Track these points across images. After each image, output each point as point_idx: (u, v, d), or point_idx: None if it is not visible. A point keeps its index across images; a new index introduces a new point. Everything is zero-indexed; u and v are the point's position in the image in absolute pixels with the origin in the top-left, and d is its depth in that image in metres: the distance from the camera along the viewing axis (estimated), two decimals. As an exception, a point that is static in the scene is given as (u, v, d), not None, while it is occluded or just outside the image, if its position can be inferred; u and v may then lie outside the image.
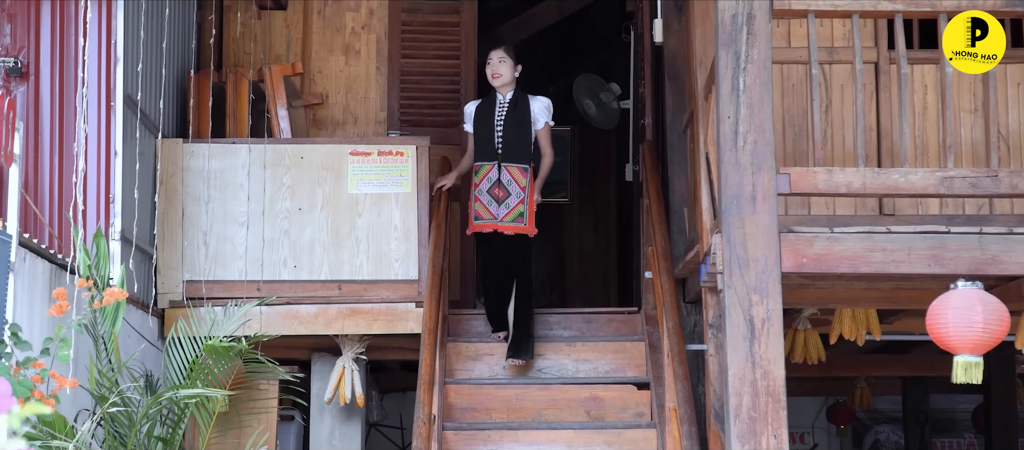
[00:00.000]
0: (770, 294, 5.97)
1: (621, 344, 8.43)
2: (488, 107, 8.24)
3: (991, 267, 6.08)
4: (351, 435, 8.46)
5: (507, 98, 8.22)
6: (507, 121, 8.15)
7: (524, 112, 8.20)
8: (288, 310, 7.99)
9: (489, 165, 8.11)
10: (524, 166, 8.16)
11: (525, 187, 8.13)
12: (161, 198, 7.90)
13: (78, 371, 6.04)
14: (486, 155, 8.14)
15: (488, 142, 8.15)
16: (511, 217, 8.09)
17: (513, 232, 8.11)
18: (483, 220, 8.10)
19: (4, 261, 4.82)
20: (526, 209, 8.12)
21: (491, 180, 8.10)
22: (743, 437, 5.92)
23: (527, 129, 8.20)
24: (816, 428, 15.64)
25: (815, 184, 6.15)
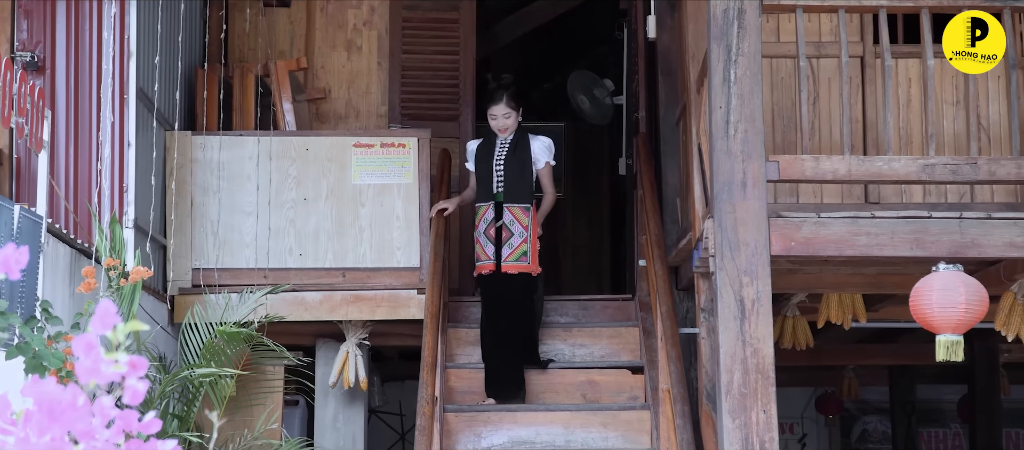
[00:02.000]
0: (759, 276, 6.25)
1: (616, 329, 8.71)
2: (488, 147, 8.27)
3: (970, 250, 6.37)
4: (354, 419, 8.72)
5: (508, 139, 8.25)
6: (507, 162, 8.18)
7: (524, 153, 8.22)
8: (294, 297, 8.25)
9: (487, 206, 8.15)
10: (526, 206, 8.16)
11: (528, 226, 8.13)
12: (172, 189, 8.16)
13: (97, 352, 6.29)
14: (485, 196, 8.18)
15: (487, 182, 8.19)
16: (514, 257, 8.08)
17: (517, 271, 8.09)
18: (482, 262, 8.13)
19: (35, 241, 5.09)
20: (529, 248, 8.12)
21: (487, 220, 8.12)
22: (734, 412, 6.20)
23: (528, 169, 8.22)
24: (805, 418, 15.92)
25: (803, 171, 6.44)
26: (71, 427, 1.76)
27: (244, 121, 8.73)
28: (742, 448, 6.19)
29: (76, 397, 1.77)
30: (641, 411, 8.05)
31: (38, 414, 1.74)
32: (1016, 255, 6.43)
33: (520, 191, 8.14)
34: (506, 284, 8.04)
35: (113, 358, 1.75)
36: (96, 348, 1.77)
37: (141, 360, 1.83)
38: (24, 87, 5.36)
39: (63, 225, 6.55)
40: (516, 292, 8.05)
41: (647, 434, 7.94)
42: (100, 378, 1.79)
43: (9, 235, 4.82)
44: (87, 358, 1.77)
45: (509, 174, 8.14)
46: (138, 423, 2.32)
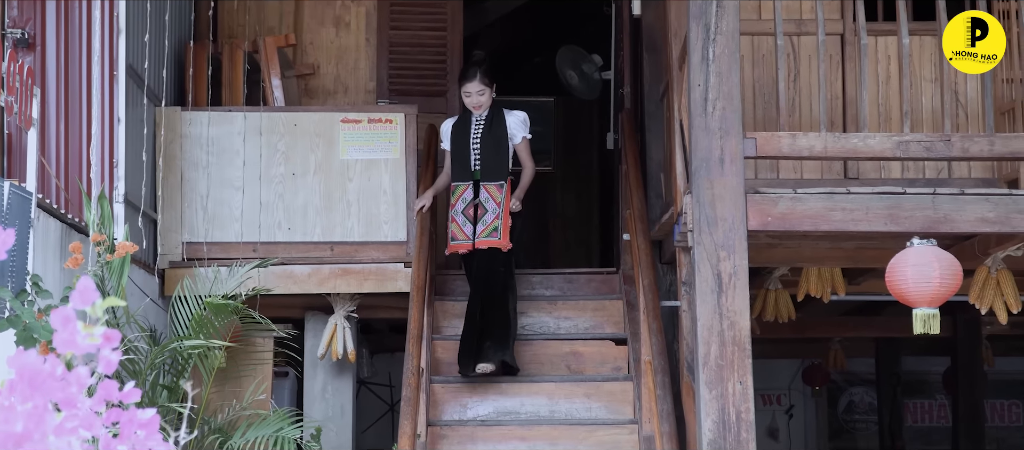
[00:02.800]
0: (736, 250, 6.39)
1: (600, 302, 8.85)
2: (464, 125, 8.29)
3: (943, 225, 6.50)
4: (343, 389, 8.87)
5: (482, 116, 8.26)
6: (483, 139, 8.21)
7: (500, 129, 8.26)
8: (283, 270, 8.37)
9: (464, 185, 8.18)
10: (500, 183, 8.20)
11: (500, 203, 8.15)
12: (161, 164, 8.28)
13: (87, 324, 6.43)
14: (462, 175, 8.20)
15: (464, 161, 8.20)
16: (486, 233, 8.11)
17: (487, 246, 8.10)
18: (459, 241, 8.17)
19: (25, 217, 5.21)
20: (500, 224, 8.12)
21: (466, 200, 8.15)
22: (711, 383, 6.35)
23: (504, 146, 8.26)
24: (792, 390, 16.09)
25: (780, 148, 6.57)
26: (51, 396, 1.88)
27: (233, 97, 8.85)
28: (719, 418, 6.34)
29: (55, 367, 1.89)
30: (624, 382, 8.20)
31: (20, 383, 1.87)
32: (987, 230, 6.56)
33: (496, 168, 8.19)
34: (479, 259, 8.09)
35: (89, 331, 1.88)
36: (73, 321, 1.90)
37: (114, 333, 1.96)
38: (13, 66, 5.48)
39: (54, 201, 6.67)
40: (486, 265, 8.09)
41: (630, 405, 8.08)
42: (77, 349, 1.92)
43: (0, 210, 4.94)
44: (64, 330, 1.90)
45: (485, 151, 8.17)
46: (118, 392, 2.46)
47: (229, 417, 7.24)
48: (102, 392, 2.42)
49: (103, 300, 1.85)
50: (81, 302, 1.92)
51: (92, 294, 1.89)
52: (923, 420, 16.31)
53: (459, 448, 7.76)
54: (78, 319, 1.92)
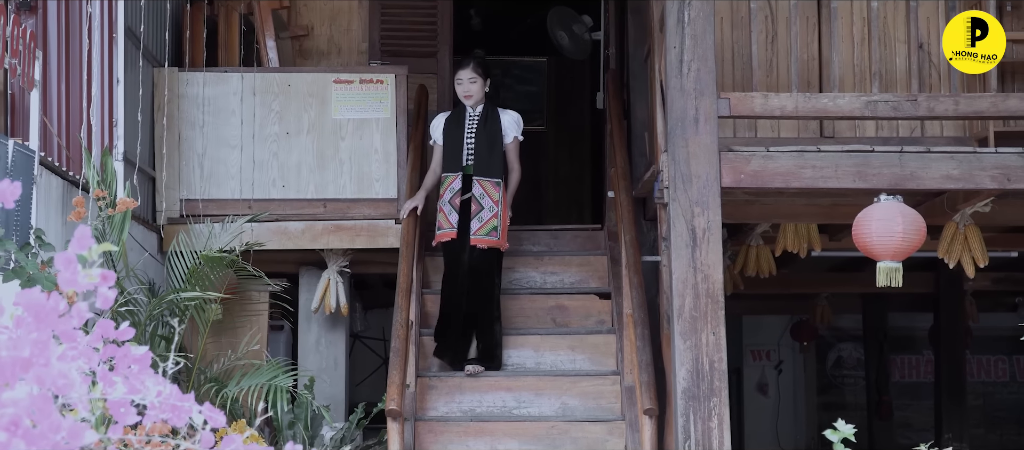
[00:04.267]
0: (710, 207, 6.67)
1: (585, 258, 9.13)
2: (457, 120, 8.33)
3: (910, 182, 6.78)
4: (336, 342, 9.16)
5: (477, 112, 8.29)
6: (478, 135, 8.24)
7: (495, 126, 8.28)
8: (278, 226, 8.64)
9: (454, 176, 8.20)
10: (497, 180, 8.21)
11: (498, 201, 8.16)
12: (160, 123, 8.54)
13: (88, 277, 6.72)
14: (453, 166, 8.22)
15: (457, 154, 8.23)
16: (484, 231, 8.12)
17: (486, 246, 8.12)
18: (444, 229, 8.18)
19: (28, 174, 5.48)
20: (500, 223, 8.15)
21: (454, 190, 8.16)
22: (685, 334, 6.64)
23: (498, 143, 8.27)
24: (782, 346, 16.38)
25: (752, 108, 6.84)
26: (55, 328, 2.15)
27: (229, 58, 9.10)
28: (693, 368, 6.63)
29: (57, 304, 2.16)
30: (607, 335, 8.49)
31: (27, 317, 2.14)
32: (952, 186, 6.84)
33: (490, 164, 8.20)
34: (473, 256, 8.11)
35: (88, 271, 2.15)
36: (73, 263, 2.17)
37: (110, 273, 2.23)
38: (17, 30, 5.73)
39: (56, 159, 6.93)
40: (483, 265, 8.12)
41: (613, 357, 8.37)
42: (77, 287, 2.19)
43: (4, 168, 5.21)
44: (66, 271, 2.17)
45: (479, 146, 8.20)
46: (114, 331, 2.74)
47: (225, 367, 7.53)
48: (99, 330, 2.70)
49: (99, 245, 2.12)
50: (79, 247, 2.19)
51: (89, 240, 2.16)
52: (910, 375, 16.61)
53: (447, 398, 8.05)
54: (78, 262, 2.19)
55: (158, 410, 2.58)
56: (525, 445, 7.91)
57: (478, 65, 8.37)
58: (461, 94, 8.31)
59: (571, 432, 7.93)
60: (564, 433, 7.92)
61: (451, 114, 8.46)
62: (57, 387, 2.02)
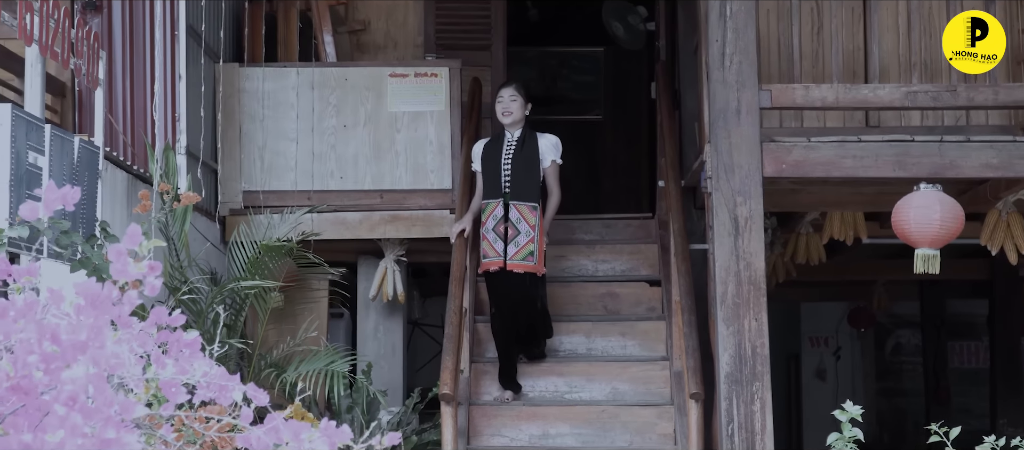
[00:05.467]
0: (752, 196, 6.84)
1: (636, 246, 9.32)
2: (495, 146, 8.30)
3: (949, 171, 6.91)
4: (393, 329, 9.41)
5: (515, 136, 8.23)
6: (515, 160, 8.17)
7: (532, 150, 8.20)
8: (336, 217, 8.90)
9: (495, 203, 8.14)
10: (533, 204, 8.11)
11: (535, 225, 8.08)
12: (221, 117, 8.82)
13: (153, 267, 7.02)
14: (493, 193, 8.18)
15: (495, 181, 8.19)
16: (520, 256, 8.06)
17: (523, 271, 8.07)
18: (490, 258, 8.13)
19: (93, 168, 5.75)
20: (536, 248, 8.07)
21: (496, 217, 8.11)
22: (728, 320, 6.82)
23: (535, 168, 8.18)
24: (840, 332, 16.45)
25: (794, 99, 7.00)
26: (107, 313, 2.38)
27: (287, 53, 9.37)
28: (735, 353, 6.81)
29: (111, 292, 2.40)
30: (657, 321, 8.68)
31: (84, 304, 2.37)
32: (991, 175, 6.96)
33: (527, 189, 8.13)
34: (511, 282, 8.09)
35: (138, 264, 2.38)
36: (124, 255, 2.40)
37: (157, 264, 2.46)
38: (81, 31, 6.00)
39: (121, 153, 7.21)
40: (521, 290, 8.10)
41: (662, 343, 8.56)
42: (128, 277, 2.42)
43: (70, 164, 5.48)
44: (118, 262, 2.40)
45: (516, 171, 8.15)
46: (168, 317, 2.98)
47: (284, 352, 7.79)
48: (154, 316, 2.94)
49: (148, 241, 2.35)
50: (130, 243, 2.42)
51: (138, 236, 2.39)
52: (969, 362, 16.62)
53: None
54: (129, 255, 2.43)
55: (206, 389, 2.81)
56: (576, 429, 8.11)
57: (520, 86, 8.35)
58: (500, 111, 8.24)
59: (621, 416, 8.13)
60: (614, 417, 8.12)
61: (490, 140, 8.44)
62: (110, 367, 2.25)
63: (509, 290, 8.11)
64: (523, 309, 8.15)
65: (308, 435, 2.51)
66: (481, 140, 8.59)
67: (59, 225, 5.10)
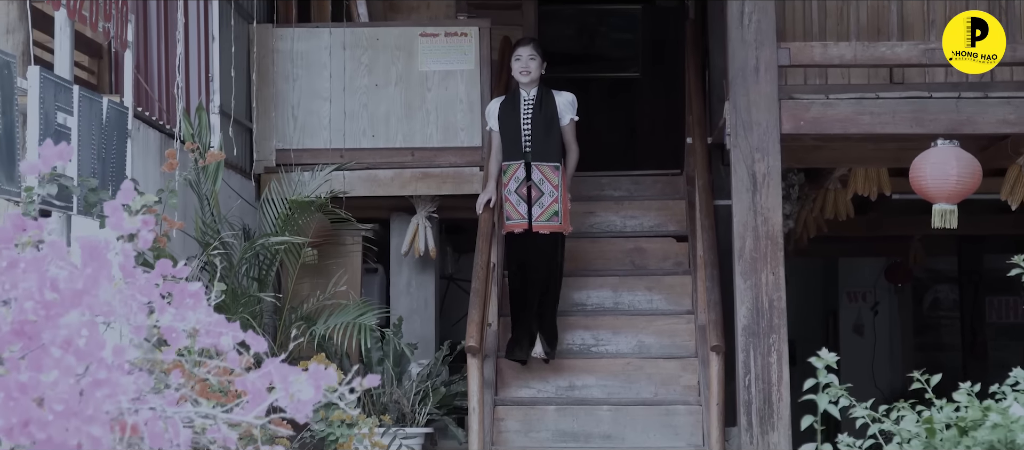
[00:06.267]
0: (770, 153, 6.95)
1: (664, 202, 9.46)
2: (512, 105, 8.29)
3: (966, 127, 7.00)
4: (425, 284, 9.60)
5: (532, 95, 8.22)
6: (534, 119, 8.18)
7: (550, 109, 8.21)
8: (368, 174, 9.07)
9: (516, 164, 8.17)
10: (555, 164, 8.15)
11: (558, 185, 8.11)
12: (255, 77, 9.00)
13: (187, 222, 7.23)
14: (513, 154, 8.20)
15: (515, 141, 8.19)
16: (545, 216, 8.10)
17: (549, 231, 8.12)
18: (513, 220, 8.17)
19: (123, 128, 5.93)
20: (561, 207, 8.11)
21: (518, 179, 8.13)
22: (746, 274, 6.94)
23: (555, 126, 8.20)
24: (878, 288, 16.48)
25: (812, 57, 7.10)
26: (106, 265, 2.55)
27: (320, 14, 9.54)
28: (753, 306, 6.94)
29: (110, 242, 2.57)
30: (683, 276, 8.83)
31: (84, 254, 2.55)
32: (1008, 131, 7.04)
33: (548, 149, 8.16)
34: (536, 243, 8.13)
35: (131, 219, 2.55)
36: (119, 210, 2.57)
37: (149, 218, 2.64)
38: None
39: (153, 113, 7.40)
40: (546, 250, 8.15)
41: (688, 296, 8.71)
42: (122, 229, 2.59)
43: (100, 123, 5.66)
44: (113, 216, 2.58)
45: (536, 132, 8.16)
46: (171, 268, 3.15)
47: (313, 306, 7.98)
48: (159, 268, 3.12)
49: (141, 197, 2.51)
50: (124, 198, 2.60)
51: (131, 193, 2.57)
52: (1007, 317, 16.61)
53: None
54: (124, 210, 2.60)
55: (205, 336, 2.98)
56: (602, 381, 8.29)
57: (537, 45, 8.36)
58: (518, 70, 8.22)
59: (646, 368, 8.30)
60: (639, 369, 8.29)
61: (505, 99, 8.41)
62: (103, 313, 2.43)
63: (533, 251, 8.15)
64: (542, 270, 8.18)
65: (296, 378, 2.67)
66: (495, 99, 8.57)
67: (87, 183, 5.29)
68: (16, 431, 2.17)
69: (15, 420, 2.15)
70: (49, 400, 2.22)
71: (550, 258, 8.20)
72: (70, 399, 2.22)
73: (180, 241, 7.17)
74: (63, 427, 2.17)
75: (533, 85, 8.26)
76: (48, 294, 2.48)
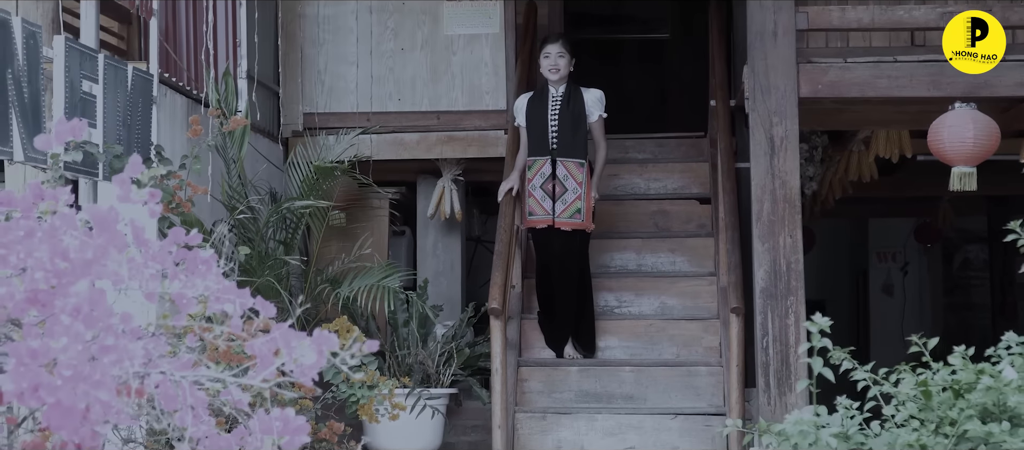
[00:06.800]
0: (788, 116, 7.02)
1: (688, 164, 9.52)
2: (540, 101, 8.31)
3: (983, 90, 7.04)
4: (452, 246, 9.72)
5: (560, 92, 8.24)
6: (561, 116, 8.20)
7: (578, 106, 8.23)
8: (394, 138, 9.19)
9: (542, 160, 8.19)
10: (580, 161, 8.15)
11: (582, 182, 8.12)
12: (282, 41, 9.11)
13: (214, 187, 7.37)
14: (539, 150, 8.21)
15: (542, 137, 8.22)
16: (568, 213, 8.13)
17: (570, 228, 8.15)
18: (537, 216, 8.20)
19: (148, 95, 6.06)
20: (583, 205, 8.13)
21: (544, 175, 8.16)
22: (763, 237, 7.03)
23: (582, 123, 8.22)
24: (908, 248, 16.50)
25: (830, 21, 7.15)
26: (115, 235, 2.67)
27: (347, -22, 9.63)
28: (770, 268, 7.02)
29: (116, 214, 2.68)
30: (706, 238, 8.91)
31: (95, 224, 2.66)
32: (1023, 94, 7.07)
33: (574, 146, 8.17)
34: (558, 239, 8.18)
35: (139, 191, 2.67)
36: (127, 183, 2.69)
37: (156, 191, 2.75)
38: (135, -36, 6.31)
39: (183, 79, 7.52)
40: (569, 247, 8.20)
41: (710, 258, 8.79)
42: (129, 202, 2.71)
43: (125, 90, 5.79)
44: (121, 189, 2.69)
45: (563, 128, 8.18)
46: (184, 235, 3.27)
47: (339, 269, 8.11)
48: (173, 236, 3.24)
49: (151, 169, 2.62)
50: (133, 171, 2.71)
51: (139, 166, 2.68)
52: (1037, 277, 16.60)
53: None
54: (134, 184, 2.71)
55: (215, 302, 3.10)
56: (624, 342, 8.39)
57: (567, 42, 8.33)
58: (547, 68, 8.23)
59: (668, 330, 8.40)
60: (661, 331, 8.39)
61: (533, 95, 8.41)
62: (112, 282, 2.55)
63: (555, 247, 8.20)
64: (567, 267, 8.24)
65: (299, 343, 2.79)
66: (523, 95, 8.55)
67: (112, 150, 5.43)
68: (27, 395, 2.29)
69: (25, 385, 2.27)
70: (59, 366, 2.34)
71: (575, 255, 8.25)
72: (79, 365, 2.34)
73: (208, 205, 7.32)
74: (72, 391, 2.29)
75: (562, 82, 8.26)
76: (60, 263, 2.60)
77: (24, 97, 4.96)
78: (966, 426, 3.41)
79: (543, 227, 8.20)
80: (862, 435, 3.66)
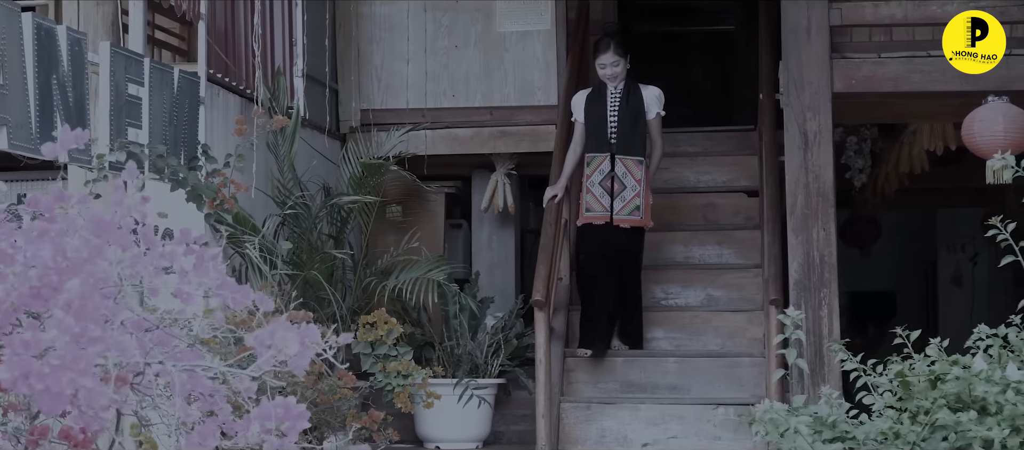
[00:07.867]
0: (821, 111, 7.15)
1: (737, 157, 9.64)
2: (599, 98, 8.39)
3: (1016, 83, 7.12)
4: (506, 238, 9.94)
5: (619, 89, 8.32)
6: (621, 113, 8.27)
7: (637, 103, 8.30)
8: (448, 133, 9.43)
9: (601, 157, 8.26)
10: (639, 159, 8.22)
11: (640, 180, 8.20)
12: (340, 40, 9.39)
13: (266, 183, 7.65)
14: (598, 146, 8.29)
15: (601, 134, 8.30)
16: (627, 211, 8.20)
17: (629, 225, 8.23)
18: (595, 212, 8.25)
19: (196, 96, 6.34)
20: (642, 202, 8.22)
21: (603, 172, 8.24)
22: (797, 230, 7.17)
23: (641, 121, 8.29)
24: (978, 238, 16.42)
25: (863, 17, 7.27)
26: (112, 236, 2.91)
27: (402, -23, 9.87)
28: (804, 261, 7.16)
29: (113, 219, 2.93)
30: (753, 230, 9.04)
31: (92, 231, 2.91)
32: (1056, 87, 7.13)
33: (633, 143, 8.24)
34: (617, 237, 8.24)
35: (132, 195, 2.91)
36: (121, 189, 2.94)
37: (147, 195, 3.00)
38: (182, -31, 6.59)
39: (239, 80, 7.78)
40: (627, 245, 8.27)
41: (757, 251, 8.91)
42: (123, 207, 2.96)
43: (171, 92, 6.07)
44: (116, 193, 2.94)
45: (622, 124, 8.26)
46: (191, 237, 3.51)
47: (388, 261, 8.35)
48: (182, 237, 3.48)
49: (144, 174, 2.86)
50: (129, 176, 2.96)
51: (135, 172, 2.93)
52: (1110, 267, 16.46)
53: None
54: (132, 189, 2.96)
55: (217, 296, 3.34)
56: (669, 333, 8.57)
57: (618, 46, 8.36)
58: (604, 78, 8.35)
59: (713, 321, 8.56)
60: (706, 322, 8.55)
61: (592, 92, 8.51)
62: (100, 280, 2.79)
63: (611, 244, 8.24)
64: (624, 265, 8.32)
65: (283, 335, 3.01)
66: (581, 91, 8.67)
67: (156, 150, 5.70)
68: (19, 381, 2.54)
69: (17, 373, 2.52)
70: (50, 355, 2.59)
71: (627, 252, 8.33)
72: (67, 355, 2.58)
73: (261, 201, 7.60)
74: (58, 379, 2.54)
75: (620, 81, 8.37)
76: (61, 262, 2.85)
77: (69, 101, 5.25)
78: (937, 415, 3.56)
79: (600, 224, 8.30)
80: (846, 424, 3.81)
